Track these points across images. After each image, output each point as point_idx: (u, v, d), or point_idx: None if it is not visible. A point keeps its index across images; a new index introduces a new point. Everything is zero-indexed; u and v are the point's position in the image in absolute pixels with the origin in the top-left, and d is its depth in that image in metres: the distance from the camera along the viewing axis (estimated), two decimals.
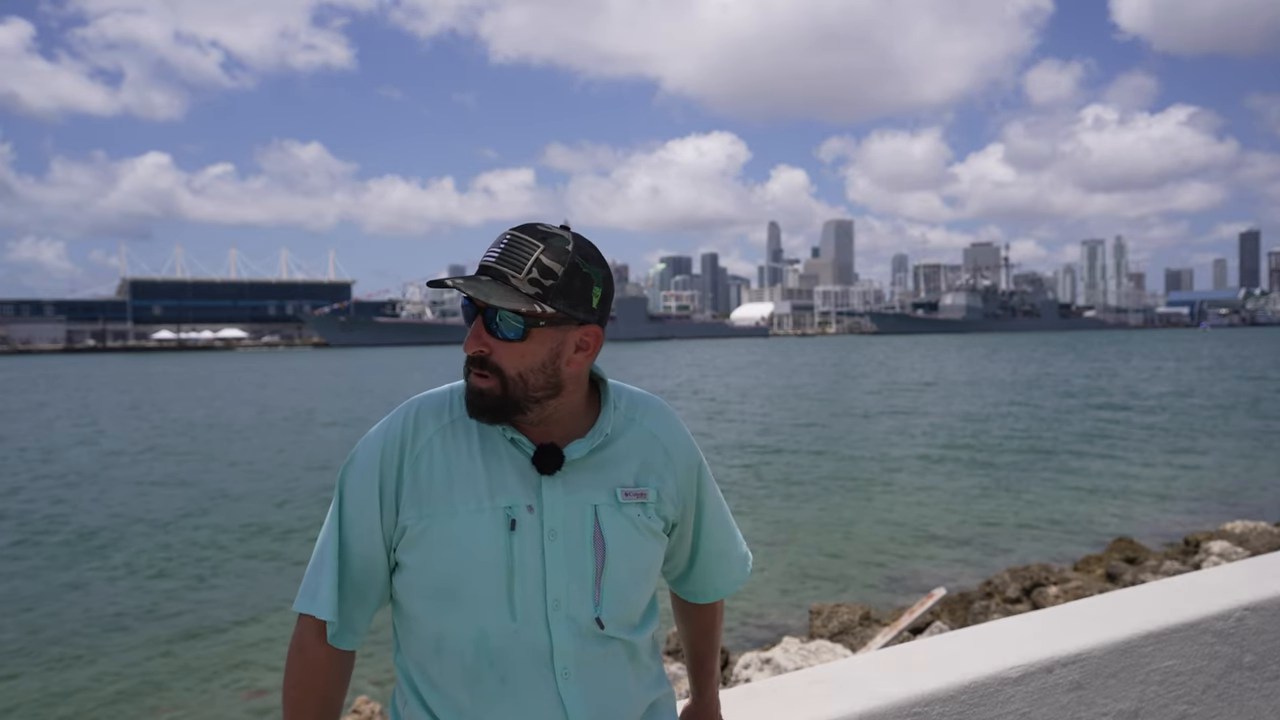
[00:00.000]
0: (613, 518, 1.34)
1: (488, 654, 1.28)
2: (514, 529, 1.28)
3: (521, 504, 1.29)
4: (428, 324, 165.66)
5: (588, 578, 1.31)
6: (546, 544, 1.29)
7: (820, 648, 6.31)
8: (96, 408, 35.46)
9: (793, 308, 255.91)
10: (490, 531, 1.28)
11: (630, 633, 1.38)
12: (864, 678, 1.97)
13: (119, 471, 18.43)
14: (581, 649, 1.31)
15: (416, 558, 1.30)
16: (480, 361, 1.28)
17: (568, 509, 1.31)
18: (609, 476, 1.36)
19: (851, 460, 18.26)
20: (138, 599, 9.49)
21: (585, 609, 1.31)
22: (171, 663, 7.61)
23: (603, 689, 1.33)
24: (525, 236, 1.26)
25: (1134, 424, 23.64)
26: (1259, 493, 14.28)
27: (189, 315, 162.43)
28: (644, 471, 1.39)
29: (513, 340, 1.26)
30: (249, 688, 7.03)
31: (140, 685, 7.15)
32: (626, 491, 1.36)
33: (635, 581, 1.37)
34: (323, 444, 22.46)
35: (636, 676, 1.39)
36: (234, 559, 11.08)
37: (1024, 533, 11.72)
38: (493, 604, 1.28)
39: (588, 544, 1.32)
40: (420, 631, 1.32)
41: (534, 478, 1.31)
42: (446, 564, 1.28)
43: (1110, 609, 2.36)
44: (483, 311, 1.27)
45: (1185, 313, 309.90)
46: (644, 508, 1.37)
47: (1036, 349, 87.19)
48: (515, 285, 1.23)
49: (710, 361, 71.82)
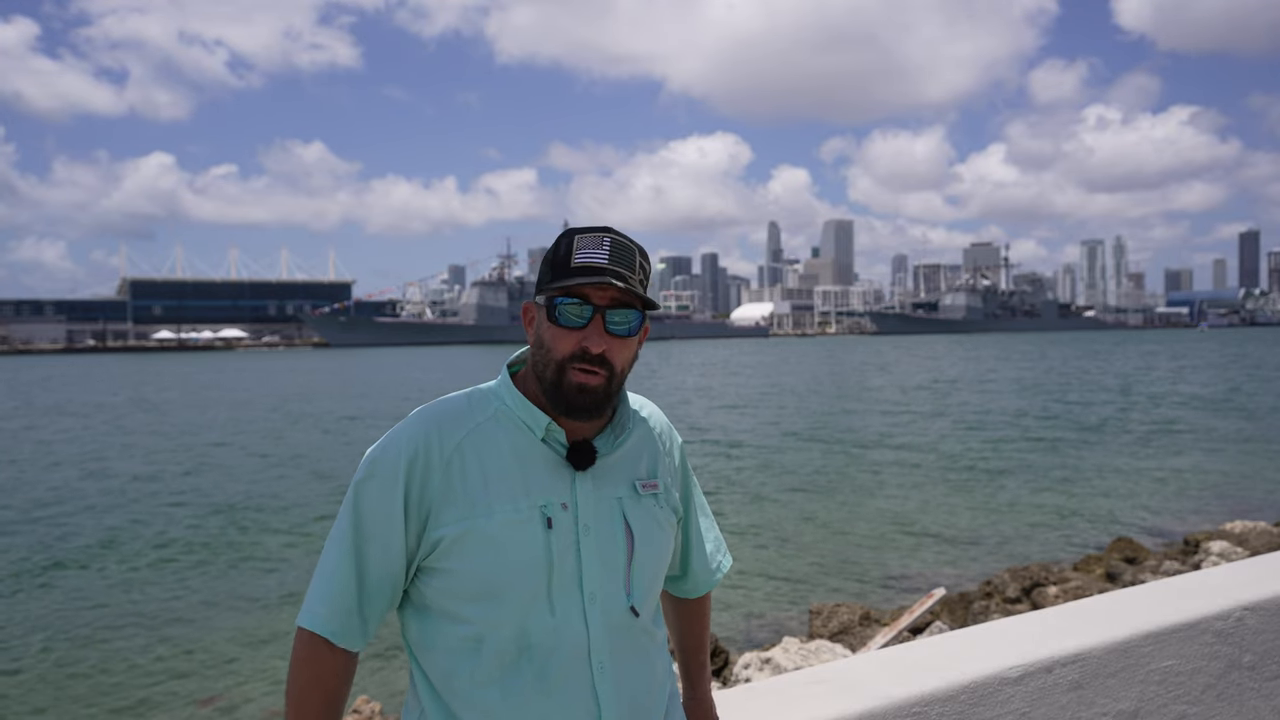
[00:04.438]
0: (635, 509, 1.39)
1: (528, 651, 1.30)
2: (551, 527, 1.31)
3: (555, 502, 1.33)
4: (428, 324, 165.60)
5: (619, 569, 1.36)
6: (582, 539, 1.33)
7: (820, 648, 6.31)
8: (81, 407, 35.47)
9: (792, 308, 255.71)
10: (529, 531, 1.30)
11: (653, 623, 1.43)
12: (864, 678, 1.98)
13: (86, 474, 18.43)
14: (614, 641, 1.34)
15: (456, 562, 1.30)
16: (598, 359, 1.32)
17: (598, 504, 1.36)
18: (627, 470, 1.42)
19: (851, 460, 18.25)
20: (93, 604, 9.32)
21: (619, 600, 1.35)
22: (125, 670, 7.48)
23: (633, 680, 1.37)
24: (623, 239, 1.35)
25: (1134, 424, 23.63)
26: (1259, 493, 14.28)
27: (189, 315, 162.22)
28: (652, 464, 1.46)
29: (625, 337, 1.34)
30: (202, 695, 6.94)
31: (94, 694, 7.02)
32: (644, 483, 1.42)
33: (657, 571, 1.43)
34: (296, 445, 22.46)
35: (659, 667, 1.44)
36: (184, 567, 10.87)
37: (1024, 533, 11.72)
38: (534, 602, 1.30)
39: (619, 536, 1.37)
40: (457, 633, 1.32)
41: (566, 475, 1.35)
42: (488, 566, 1.29)
43: (1110, 609, 2.36)
44: (603, 310, 1.32)
45: (1185, 313, 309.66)
46: (657, 498, 1.43)
47: (1036, 349, 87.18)
48: (635, 284, 1.33)
49: (710, 361, 71.80)
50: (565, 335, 1.32)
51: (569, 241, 1.34)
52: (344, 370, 66.15)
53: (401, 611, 1.39)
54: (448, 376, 50.50)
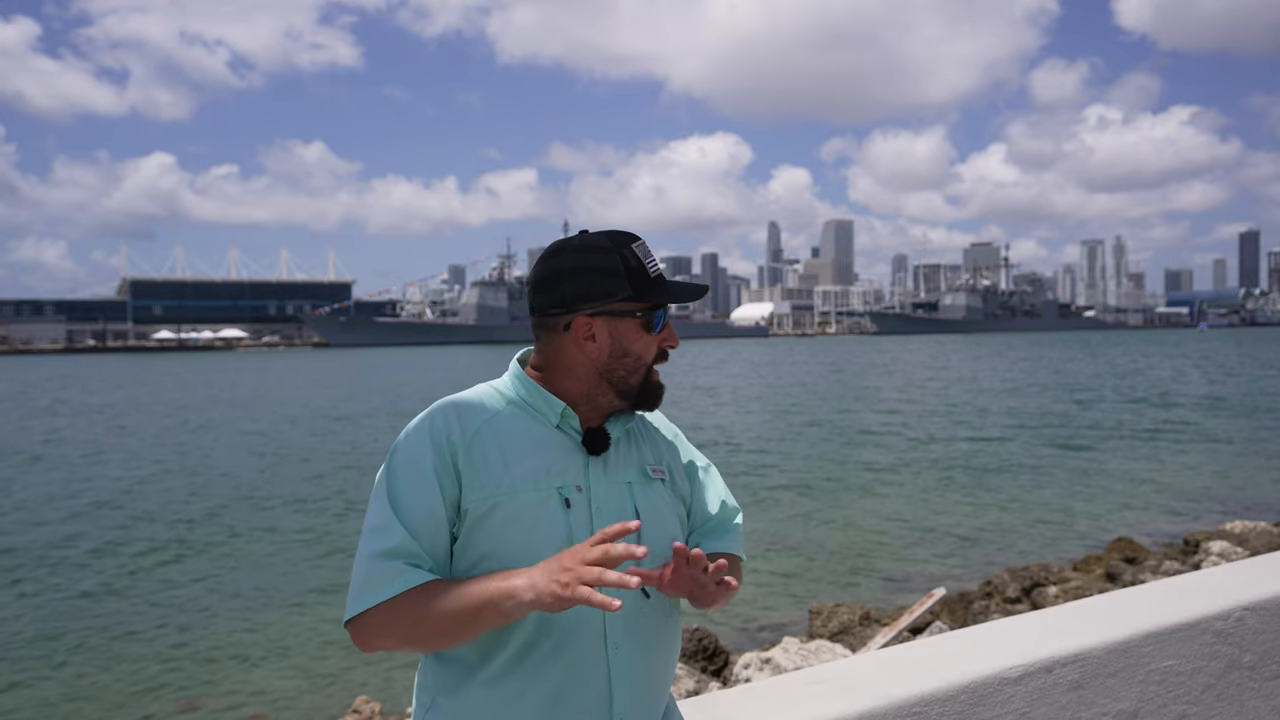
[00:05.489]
0: (645, 493, 1.45)
1: (545, 626, 1.33)
2: (569, 507, 1.36)
3: (572, 485, 1.38)
4: (428, 324, 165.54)
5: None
6: (595, 521, 1.37)
7: (820, 648, 6.30)
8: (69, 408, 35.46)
9: (792, 308, 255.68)
10: (550, 510, 1.35)
11: (667, 607, 1.47)
12: (864, 678, 1.98)
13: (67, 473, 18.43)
14: (628, 622, 1.38)
15: (481, 538, 1.33)
16: (666, 356, 1.47)
17: (609, 487, 1.41)
18: (636, 457, 1.48)
19: (851, 460, 18.25)
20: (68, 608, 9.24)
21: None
22: (106, 672, 7.44)
23: (645, 661, 1.40)
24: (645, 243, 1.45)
25: (1133, 424, 23.62)
26: (1259, 493, 14.27)
27: (189, 315, 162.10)
28: (657, 451, 1.53)
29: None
30: (185, 698, 6.91)
31: (71, 699, 6.97)
32: (653, 468, 1.49)
33: (666, 555, 1.44)
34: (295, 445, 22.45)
35: (670, 650, 1.48)
36: (170, 569, 10.80)
37: (1024, 533, 11.71)
38: None
39: (629, 519, 1.40)
40: None
41: (579, 460, 1.41)
42: (512, 543, 1.32)
43: (1110, 609, 2.37)
44: (666, 311, 1.45)
45: (1185, 313, 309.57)
46: (663, 484, 1.50)
47: (1036, 349, 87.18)
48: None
49: (710, 361, 71.79)
50: (653, 341, 1.44)
51: (632, 253, 1.42)
52: (344, 370, 66.13)
53: None
54: (448, 376, 50.47)
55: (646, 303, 1.41)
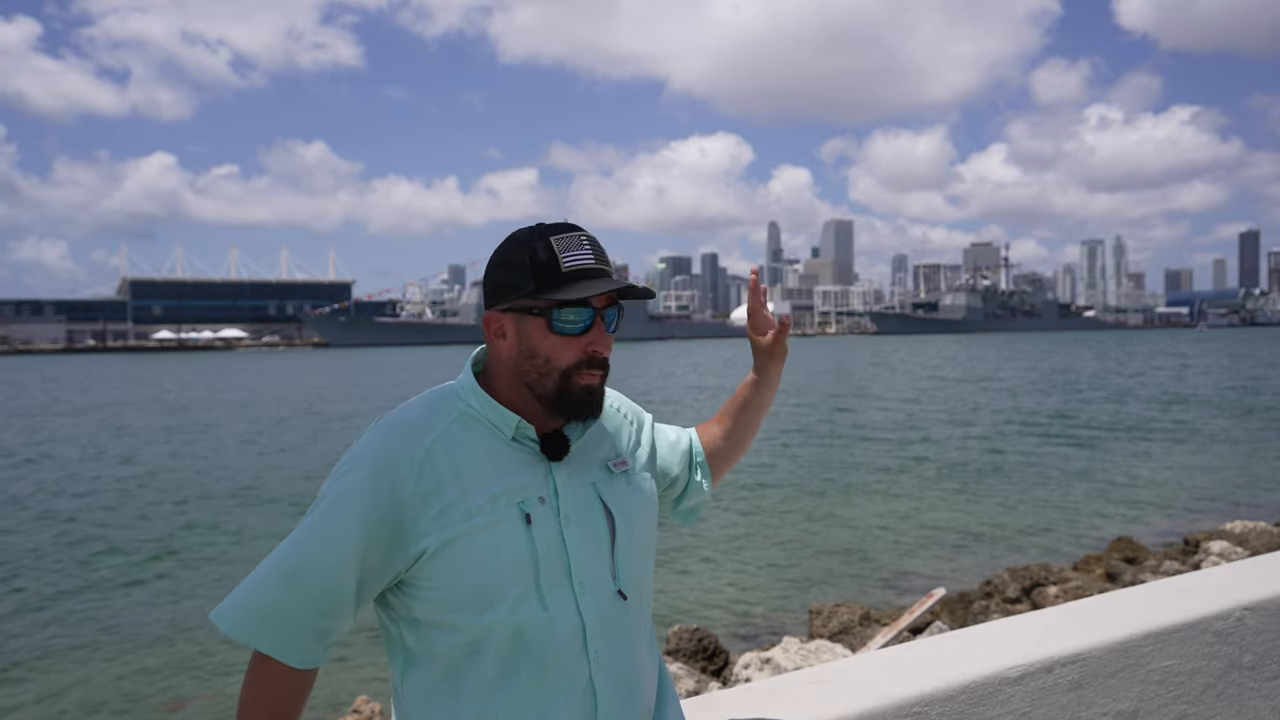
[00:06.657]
0: (611, 489, 1.40)
1: (524, 646, 1.29)
2: (530, 523, 1.30)
3: (532, 497, 1.31)
4: (428, 324, 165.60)
5: (604, 553, 1.36)
6: (565, 530, 1.32)
7: (820, 648, 6.30)
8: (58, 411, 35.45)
9: (792, 308, 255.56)
10: (510, 530, 1.28)
11: (643, 606, 1.43)
12: (864, 678, 1.98)
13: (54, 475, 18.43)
14: (607, 628, 1.34)
15: (441, 571, 1.27)
16: (602, 361, 1.34)
17: (575, 491, 1.36)
18: (597, 453, 1.42)
19: (851, 460, 18.25)
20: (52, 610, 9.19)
21: (607, 585, 1.35)
22: (92, 672, 7.41)
23: (627, 667, 1.37)
24: (589, 234, 1.34)
25: (1134, 424, 23.62)
26: (1259, 493, 14.27)
27: (189, 315, 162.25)
28: (619, 443, 1.48)
29: (612, 334, 1.37)
30: (173, 698, 6.89)
31: (60, 699, 6.95)
32: (614, 462, 1.44)
33: (643, 549, 1.43)
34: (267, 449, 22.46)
35: (649, 652, 1.45)
36: (159, 568, 10.78)
37: (1024, 532, 11.71)
38: (524, 600, 1.28)
39: (599, 520, 1.37)
40: (451, 640, 1.29)
41: (540, 468, 1.34)
42: (475, 571, 1.26)
43: (1110, 609, 2.36)
44: (601, 312, 1.33)
45: (1185, 313, 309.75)
46: (629, 475, 1.45)
47: (1036, 348, 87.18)
48: (624, 279, 1.33)
49: (710, 361, 71.78)
50: (569, 343, 1.31)
51: (545, 244, 1.29)
52: (344, 370, 66.15)
53: (393, 627, 1.35)
54: (448, 376, 50.10)
55: (549, 300, 1.28)
